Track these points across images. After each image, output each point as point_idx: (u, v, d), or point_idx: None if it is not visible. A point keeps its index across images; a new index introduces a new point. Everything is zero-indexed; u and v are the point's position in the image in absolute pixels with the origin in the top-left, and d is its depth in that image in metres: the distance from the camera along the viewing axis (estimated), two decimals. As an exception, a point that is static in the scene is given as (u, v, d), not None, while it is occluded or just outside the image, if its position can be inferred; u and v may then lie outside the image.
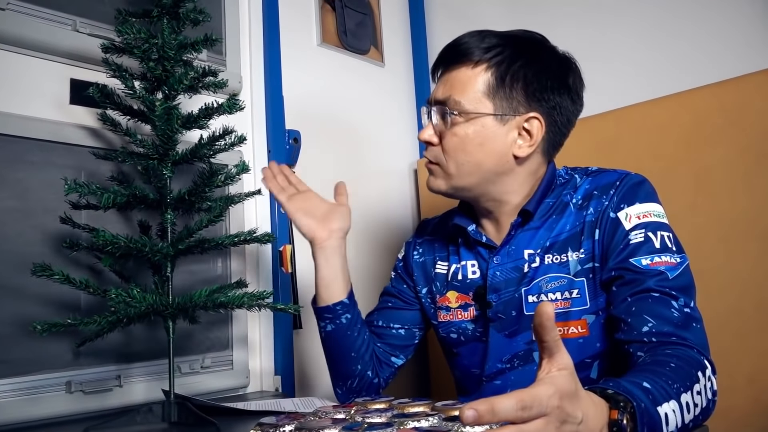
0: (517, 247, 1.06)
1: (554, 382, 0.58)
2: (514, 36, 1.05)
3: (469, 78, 1.02)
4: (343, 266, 1.18)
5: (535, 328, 0.60)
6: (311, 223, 1.18)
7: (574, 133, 1.59)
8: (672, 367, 0.77)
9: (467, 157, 1.03)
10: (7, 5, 1.19)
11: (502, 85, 1.01)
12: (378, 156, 1.97)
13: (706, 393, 0.79)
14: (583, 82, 1.09)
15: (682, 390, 0.74)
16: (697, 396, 0.76)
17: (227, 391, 1.44)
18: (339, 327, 1.16)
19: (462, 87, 1.02)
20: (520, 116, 1.02)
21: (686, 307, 0.89)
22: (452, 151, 1.04)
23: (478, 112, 1.01)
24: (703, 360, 0.83)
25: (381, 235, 1.90)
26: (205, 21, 1.22)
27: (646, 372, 0.75)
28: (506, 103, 1.01)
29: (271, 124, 1.63)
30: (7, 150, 1.18)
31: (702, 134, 1.39)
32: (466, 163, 1.04)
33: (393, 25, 2.09)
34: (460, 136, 1.03)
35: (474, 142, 1.02)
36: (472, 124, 1.02)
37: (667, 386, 0.73)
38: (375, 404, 1.01)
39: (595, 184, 1.05)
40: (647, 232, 0.95)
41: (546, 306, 0.59)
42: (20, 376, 1.14)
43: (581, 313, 1.00)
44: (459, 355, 1.16)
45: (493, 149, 1.03)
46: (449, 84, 1.04)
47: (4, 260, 1.14)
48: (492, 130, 1.02)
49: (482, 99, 1.02)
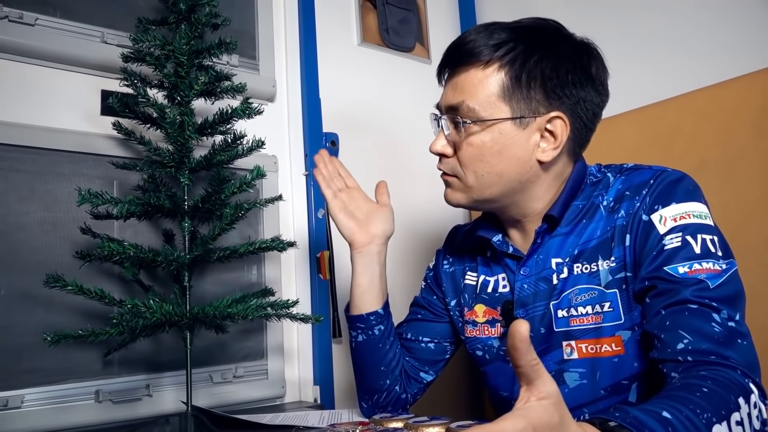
0: (545, 256, 0.96)
1: (527, 414, 0.49)
2: (526, 27, 0.93)
3: (481, 80, 0.91)
4: (381, 274, 1.12)
5: (508, 350, 0.51)
6: (353, 226, 1.11)
7: (627, 125, 1.47)
8: (704, 393, 0.65)
9: (487, 167, 0.93)
10: (36, 21, 1.22)
11: (518, 85, 0.90)
12: (423, 157, 1.87)
13: (751, 423, 0.66)
14: (606, 70, 0.96)
15: (715, 420, 0.62)
16: (737, 427, 0.64)
17: (262, 401, 1.41)
18: (370, 338, 1.10)
19: (474, 90, 0.91)
20: (541, 117, 0.91)
21: (730, 320, 0.75)
22: (470, 163, 0.93)
23: (494, 118, 0.90)
24: (748, 383, 0.69)
25: (427, 240, 1.82)
26: (224, 25, 1.20)
27: (669, 399, 0.64)
28: (524, 105, 0.90)
29: (307, 128, 1.60)
30: (37, 162, 1.20)
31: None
32: (486, 174, 0.93)
33: (440, 20, 2.01)
34: (476, 146, 0.92)
35: (492, 150, 0.91)
36: (489, 132, 0.91)
37: (694, 416, 0.61)
38: (390, 423, 0.95)
39: (627, 183, 0.92)
40: (685, 236, 0.82)
41: (519, 325, 0.50)
42: (50, 385, 1.15)
43: (615, 328, 0.88)
44: (486, 375, 1.06)
45: (514, 156, 0.92)
46: (459, 88, 0.93)
47: (34, 271, 1.16)
48: (511, 135, 0.91)
49: (497, 102, 0.90)
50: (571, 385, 0.92)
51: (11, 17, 1.19)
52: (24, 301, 1.15)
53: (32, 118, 1.22)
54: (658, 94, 1.43)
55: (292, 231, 1.56)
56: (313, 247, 1.55)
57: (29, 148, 1.19)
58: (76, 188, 1.04)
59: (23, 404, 1.12)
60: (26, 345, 1.14)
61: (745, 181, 1.25)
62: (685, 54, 1.49)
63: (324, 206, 1.59)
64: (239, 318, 1.03)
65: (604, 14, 1.67)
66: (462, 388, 1.80)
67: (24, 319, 1.14)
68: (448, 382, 1.69)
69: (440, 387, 1.19)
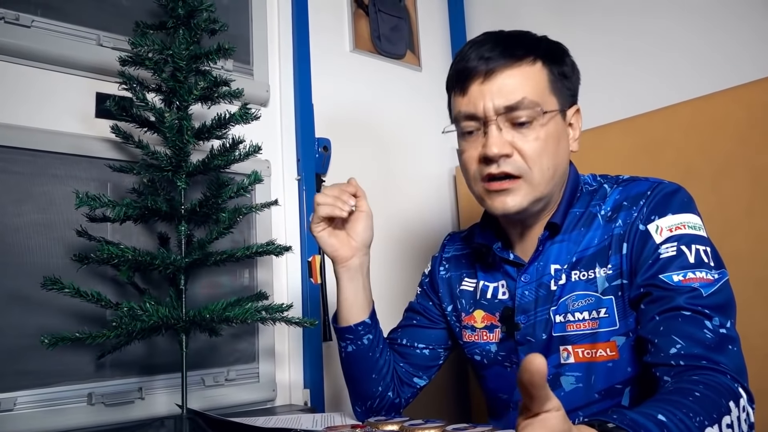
0: (545, 262, 0.99)
1: (546, 424, 0.52)
2: (535, 36, 1.01)
3: (535, 74, 0.94)
4: (365, 285, 1.12)
5: (522, 384, 0.52)
6: (334, 243, 1.08)
7: (618, 135, 1.50)
8: (696, 397, 0.68)
9: (551, 160, 0.94)
10: (32, 23, 1.22)
11: (557, 80, 0.97)
12: (414, 163, 1.91)
13: (740, 425, 0.69)
14: None
15: (707, 423, 0.65)
16: (728, 429, 0.67)
17: (253, 404, 1.42)
18: (360, 348, 1.10)
19: (532, 85, 0.93)
20: (569, 109, 0.99)
21: (721, 327, 0.78)
22: (537, 157, 0.93)
23: (552, 110, 0.95)
24: (738, 388, 0.73)
25: (418, 245, 1.84)
26: (222, 30, 1.21)
27: (664, 402, 0.66)
28: (563, 97, 0.97)
29: (300, 133, 1.61)
30: (32, 164, 1.20)
31: (759, 131, 1.26)
32: (550, 168, 0.94)
33: (431, 28, 2.03)
34: (542, 139, 0.93)
35: (554, 142, 0.95)
36: (549, 125, 0.94)
37: (687, 419, 0.64)
38: (386, 425, 0.96)
39: (625, 194, 0.95)
40: (680, 246, 0.85)
41: (535, 361, 0.51)
42: (43, 388, 1.15)
43: (610, 334, 0.91)
44: (485, 378, 1.08)
45: (564, 148, 0.97)
46: (513, 86, 0.93)
47: (28, 272, 1.16)
48: (561, 127, 0.97)
49: (549, 95, 0.95)
50: (567, 389, 0.94)
51: (7, 18, 1.19)
52: (17, 303, 1.14)
53: (27, 119, 1.22)
54: (646, 105, 1.47)
55: (284, 235, 1.56)
56: (305, 252, 1.56)
57: (24, 150, 1.19)
58: (73, 191, 1.04)
59: (15, 406, 1.11)
60: (19, 347, 1.13)
61: (729, 191, 1.28)
62: (672, 67, 1.53)
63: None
64: (238, 321, 1.03)
65: (593, 26, 1.70)
66: (449, 392, 1.82)
67: (17, 321, 1.14)
68: (434, 385, 1.71)
69: (427, 390, 1.21)
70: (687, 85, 1.45)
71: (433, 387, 1.23)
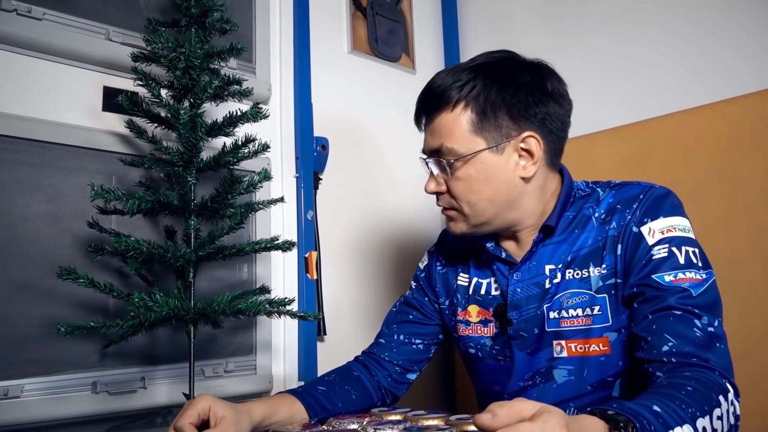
0: (538, 262, 1.04)
1: (552, 410, 0.58)
2: (482, 64, 1.02)
3: (453, 121, 1.00)
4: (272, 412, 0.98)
5: None
6: None
7: (606, 143, 1.57)
8: (689, 391, 0.74)
9: (478, 195, 1.01)
10: (44, 16, 1.23)
11: (485, 118, 0.99)
12: (407, 164, 1.95)
13: (728, 418, 0.75)
14: (562, 81, 1.05)
15: (699, 415, 0.71)
16: (717, 421, 0.73)
17: (250, 395, 1.45)
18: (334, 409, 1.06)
19: (449, 132, 1.00)
20: (514, 139, 0.99)
21: (710, 326, 0.85)
22: (462, 195, 1.02)
23: (472, 152, 0.99)
24: (725, 383, 0.79)
25: (408, 244, 1.89)
26: (232, 30, 1.24)
27: (659, 395, 0.73)
28: (496, 133, 0.99)
29: (299, 131, 1.65)
30: (41, 156, 1.22)
31: (739, 145, 1.34)
32: (478, 202, 1.02)
33: (425, 32, 2.09)
34: (464, 179, 1.01)
35: (479, 180, 1.00)
36: (472, 164, 1.00)
37: (681, 410, 0.70)
38: (390, 415, 1.01)
39: (618, 197, 1.02)
40: (671, 247, 0.92)
41: None
42: (48, 376, 1.17)
43: (603, 330, 0.97)
44: (478, 371, 1.14)
45: (500, 180, 1.01)
46: (437, 132, 1.02)
47: (35, 263, 1.18)
48: (492, 163, 1.00)
49: (472, 137, 0.99)
50: (559, 381, 1.00)
51: (20, 11, 1.20)
52: (25, 293, 1.16)
53: (37, 111, 1.23)
54: (634, 114, 1.54)
55: (282, 231, 1.60)
56: (302, 248, 1.60)
57: (34, 142, 1.21)
58: (88, 183, 1.07)
59: (23, 394, 1.13)
60: (27, 336, 1.15)
61: (709, 202, 1.36)
62: (660, 77, 1.60)
63: (312, 207, 1.64)
64: (249, 314, 1.07)
65: (583, 33, 1.77)
66: (436, 385, 1.88)
67: (25, 310, 1.16)
68: (420, 377, 1.77)
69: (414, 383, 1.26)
70: (674, 96, 1.53)
71: (419, 380, 1.27)
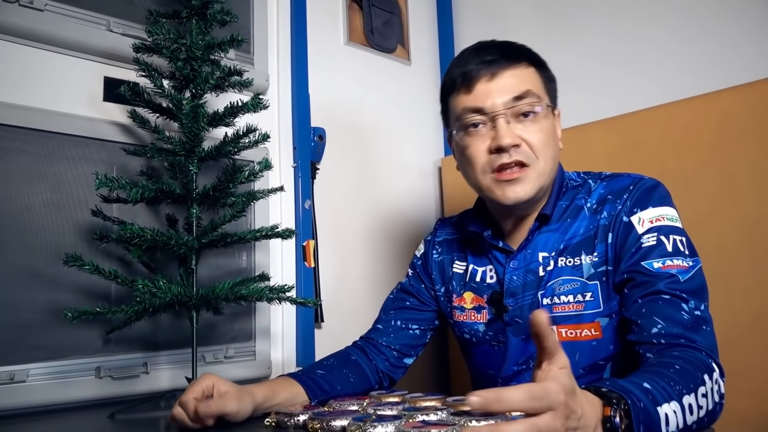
0: (533, 250, 1.08)
1: (559, 380, 0.60)
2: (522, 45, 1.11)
3: (532, 73, 1.05)
4: (273, 394, 0.99)
5: (533, 335, 0.62)
6: None
7: (597, 135, 1.60)
8: (676, 369, 0.77)
9: (552, 151, 1.04)
10: (45, 6, 1.25)
11: (550, 83, 1.08)
12: (402, 154, 1.99)
13: (713, 396, 0.79)
14: None
15: (685, 392, 0.75)
16: (702, 398, 0.77)
17: (249, 380, 1.47)
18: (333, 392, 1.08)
19: (534, 81, 1.04)
20: (556, 110, 1.09)
21: (696, 309, 0.89)
22: (542, 147, 1.02)
23: (550, 105, 1.06)
24: (711, 363, 0.83)
25: (404, 232, 1.92)
26: (232, 21, 1.26)
27: (648, 373, 0.76)
28: (551, 99, 1.07)
29: (296, 122, 1.67)
30: (45, 145, 1.23)
31: (728, 136, 1.37)
32: (551, 158, 1.03)
33: (420, 24, 2.11)
34: (545, 131, 1.03)
35: (552, 136, 1.05)
36: (549, 118, 1.04)
37: (669, 387, 0.73)
38: (389, 397, 1.04)
39: (609, 188, 1.05)
40: (660, 236, 0.95)
41: (539, 315, 0.60)
42: (53, 361, 1.19)
43: (594, 315, 1.01)
44: (473, 355, 1.18)
45: (556, 144, 1.07)
46: (521, 78, 1.03)
47: (39, 250, 1.20)
48: (554, 122, 1.07)
49: (544, 93, 1.05)
50: None
51: (22, 2, 1.22)
52: (30, 280, 1.18)
53: (39, 101, 1.25)
54: (625, 106, 1.57)
55: (280, 220, 1.62)
56: (300, 236, 1.63)
57: (37, 131, 1.22)
58: (93, 172, 1.09)
59: (28, 378, 1.15)
60: (32, 322, 1.18)
61: (698, 192, 1.39)
62: (650, 70, 1.64)
63: (310, 197, 1.67)
64: (251, 299, 1.10)
65: (576, 28, 1.80)
66: (431, 368, 1.92)
67: (30, 297, 1.18)
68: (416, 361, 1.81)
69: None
70: (664, 88, 1.57)
71: (415, 364, 1.30)
